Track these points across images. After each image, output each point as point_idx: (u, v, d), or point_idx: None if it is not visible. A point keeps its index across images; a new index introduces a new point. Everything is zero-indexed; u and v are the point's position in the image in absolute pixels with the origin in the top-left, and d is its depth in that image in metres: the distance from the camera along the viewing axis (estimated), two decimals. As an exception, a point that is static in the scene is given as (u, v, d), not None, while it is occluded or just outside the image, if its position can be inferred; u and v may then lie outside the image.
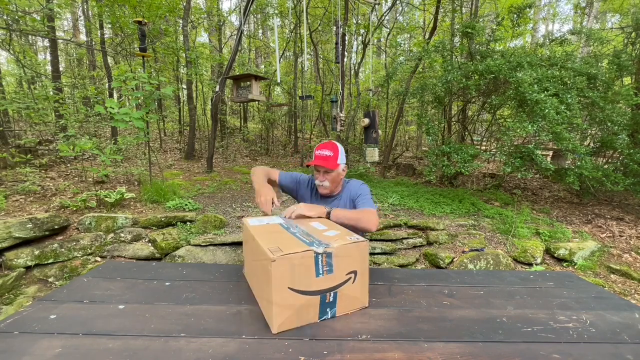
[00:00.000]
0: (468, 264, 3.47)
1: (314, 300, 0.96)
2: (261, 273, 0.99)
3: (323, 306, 0.98)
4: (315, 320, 0.98)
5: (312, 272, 0.94)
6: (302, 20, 7.12)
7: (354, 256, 1.02)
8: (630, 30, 6.51)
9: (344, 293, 1.02)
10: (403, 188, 5.57)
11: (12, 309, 2.47)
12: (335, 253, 0.97)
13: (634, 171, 4.57)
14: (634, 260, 3.77)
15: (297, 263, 0.92)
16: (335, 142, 1.62)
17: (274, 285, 0.90)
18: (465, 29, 5.38)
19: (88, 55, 9.59)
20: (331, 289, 0.99)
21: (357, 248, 1.02)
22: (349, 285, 1.02)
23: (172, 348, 0.85)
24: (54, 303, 1.06)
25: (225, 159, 7.75)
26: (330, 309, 1.00)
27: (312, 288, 0.95)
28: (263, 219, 1.30)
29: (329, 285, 0.98)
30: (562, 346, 0.90)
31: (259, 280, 1.05)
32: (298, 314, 0.95)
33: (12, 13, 5.46)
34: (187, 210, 4.01)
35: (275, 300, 0.90)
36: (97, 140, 5.33)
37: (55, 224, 3.17)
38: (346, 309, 1.04)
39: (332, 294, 0.99)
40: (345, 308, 1.04)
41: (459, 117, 6.91)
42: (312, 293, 0.95)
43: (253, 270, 1.15)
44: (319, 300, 0.97)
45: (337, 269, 0.98)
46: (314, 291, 0.95)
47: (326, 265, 0.96)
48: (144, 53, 4.27)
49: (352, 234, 1.12)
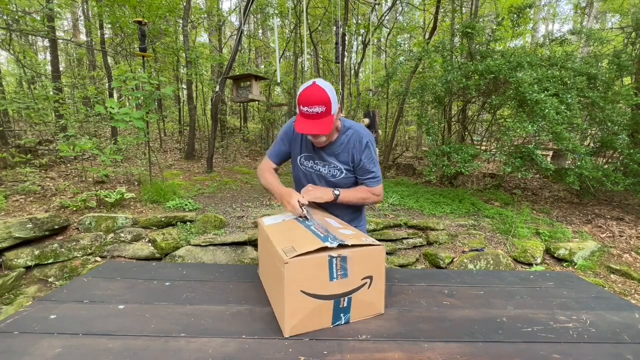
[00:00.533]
0: (468, 264, 3.47)
1: (328, 305, 0.94)
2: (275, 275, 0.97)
3: (337, 311, 0.96)
4: (328, 326, 0.96)
5: (325, 276, 0.92)
6: (302, 20, 7.12)
7: (369, 261, 0.99)
8: (630, 30, 6.51)
9: (359, 299, 0.98)
10: (403, 188, 5.57)
11: (12, 309, 2.47)
12: (350, 257, 0.95)
13: (634, 171, 4.57)
14: (634, 260, 3.77)
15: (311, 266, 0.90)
16: (320, 84, 1.20)
17: (287, 288, 0.88)
18: (465, 29, 5.38)
19: (88, 55, 9.59)
20: (345, 294, 0.96)
21: (373, 252, 1.00)
22: (364, 291, 0.99)
23: (172, 348, 0.85)
24: (54, 303, 1.06)
25: (225, 159, 7.75)
26: (344, 315, 0.98)
27: (325, 292, 0.93)
28: (279, 217, 1.26)
29: (343, 290, 0.96)
30: (562, 346, 0.90)
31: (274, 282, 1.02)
32: (310, 318, 0.92)
33: (12, 13, 5.46)
34: (187, 210, 4.01)
35: (288, 303, 0.88)
36: (97, 140, 5.33)
37: (55, 224, 3.17)
38: (361, 315, 1.01)
39: (347, 299, 0.96)
40: (360, 314, 1.01)
41: (459, 117, 6.91)
42: (326, 297, 0.93)
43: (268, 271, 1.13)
44: (333, 305, 0.95)
45: (352, 274, 0.96)
46: (327, 295, 0.93)
47: (340, 269, 0.94)
48: (144, 53, 4.27)
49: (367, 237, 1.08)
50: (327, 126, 1.21)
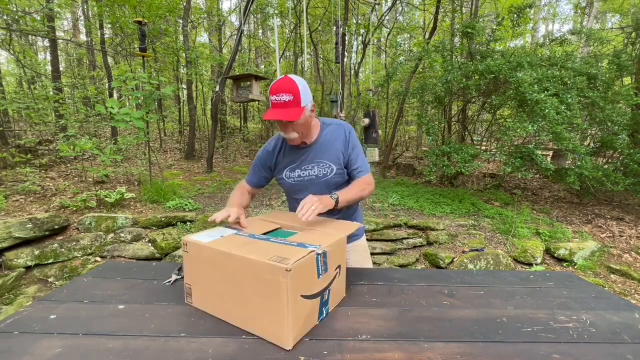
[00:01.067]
0: (468, 264, 3.47)
1: (316, 302, 0.95)
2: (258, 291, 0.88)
3: (322, 306, 0.98)
4: (315, 323, 0.96)
5: (314, 274, 0.93)
6: (302, 20, 7.12)
7: (339, 251, 1.05)
8: (630, 30, 6.51)
9: (335, 289, 1.03)
10: (403, 188, 5.57)
11: (12, 309, 2.47)
12: (329, 251, 0.98)
13: (634, 171, 4.58)
14: (634, 260, 3.77)
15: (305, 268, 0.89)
16: (291, 76, 1.24)
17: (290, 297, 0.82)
18: (465, 29, 5.39)
19: (88, 55, 9.59)
20: (327, 287, 0.99)
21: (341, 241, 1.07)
22: (337, 280, 1.04)
23: (172, 348, 0.85)
24: (54, 303, 1.06)
25: (225, 159, 7.75)
26: (325, 308, 1.00)
27: (315, 290, 0.94)
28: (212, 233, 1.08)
29: (326, 284, 0.98)
30: (562, 346, 0.90)
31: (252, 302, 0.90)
32: (306, 320, 0.92)
33: (12, 13, 5.46)
34: (187, 210, 4.01)
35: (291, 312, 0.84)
36: (97, 140, 5.33)
37: (55, 224, 3.17)
38: (334, 304, 1.05)
39: (327, 292, 1.00)
40: (334, 303, 1.05)
41: (459, 117, 6.91)
42: (315, 295, 0.94)
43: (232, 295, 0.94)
44: (319, 301, 0.96)
45: (330, 266, 0.99)
46: (316, 293, 0.95)
47: (323, 264, 0.96)
48: (144, 53, 4.27)
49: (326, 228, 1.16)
50: (293, 114, 1.21)
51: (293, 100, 1.21)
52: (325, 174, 1.39)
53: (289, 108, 1.22)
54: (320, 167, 1.39)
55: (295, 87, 1.21)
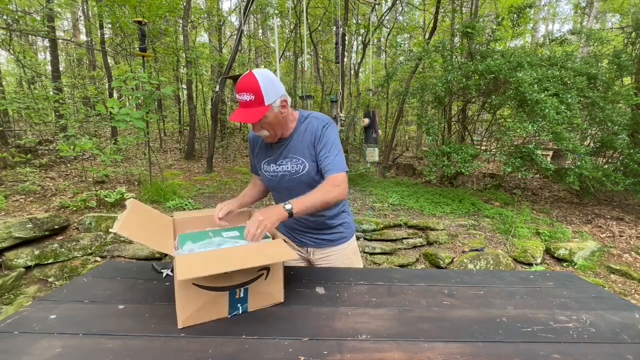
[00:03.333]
0: (468, 264, 3.47)
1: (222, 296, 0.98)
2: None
3: (235, 302, 1.00)
4: (225, 316, 0.99)
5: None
6: (302, 20, 7.12)
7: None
8: (630, 30, 6.51)
9: (256, 289, 1.03)
10: (403, 188, 5.57)
11: (12, 309, 2.47)
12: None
13: (634, 171, 4.57)
14: (634, 260, 3.77)
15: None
16: (255, 72, 1.16)
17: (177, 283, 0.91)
18: (465, 29, 5.39)
19: (88, 55, 9.59)
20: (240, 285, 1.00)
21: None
22: (261, 282, 1.03)
23: (172, 348, 0.84)
24: (54, 303, 1.05)
25: (225, 159, 7.75)
26: (241, 305, 1.02)
27: (219, 284, 0.96)
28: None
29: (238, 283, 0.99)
30: (562, 346, 0.90)
31: None
32: (204, 309, 0.96)
33: (12, 13, 5.46)
34: (187, 210, 4.01)
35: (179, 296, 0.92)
36: (97, 140, 5.33)
37: (55, 224, 3.17)
38: (259, 305, 1.06)
39: (243, 290, 1.01)
40: (258, 304, 1.06)
41: (459, 117, 6.91)
42: (220, 289, 0.97)
43: None
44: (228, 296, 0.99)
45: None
46: (221, 287, 0.97)
47: None
48: (144, 53, 4.27)
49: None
50: (253, 115, 1.14)
51: (255, 99, 1.14)
52: (297, 171, 1.31)
53: (250, 108, 1.15)
54: (293, 163, 1.31)
55: (256, 86, 1.13)
